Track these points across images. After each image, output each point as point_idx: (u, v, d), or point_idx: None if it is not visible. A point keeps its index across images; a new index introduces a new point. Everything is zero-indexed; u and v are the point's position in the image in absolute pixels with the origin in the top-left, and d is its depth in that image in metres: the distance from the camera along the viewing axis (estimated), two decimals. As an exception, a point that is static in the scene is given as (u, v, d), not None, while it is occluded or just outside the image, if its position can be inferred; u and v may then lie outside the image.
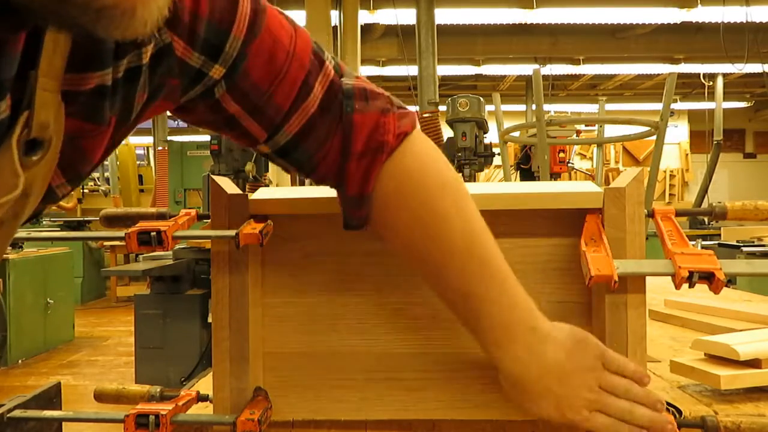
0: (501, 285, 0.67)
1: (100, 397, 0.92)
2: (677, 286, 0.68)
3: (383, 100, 0.68)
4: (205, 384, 0.95)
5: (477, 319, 0.67)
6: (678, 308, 1.40)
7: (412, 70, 5.35)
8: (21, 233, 1.34)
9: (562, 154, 5.17)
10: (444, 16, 6.14)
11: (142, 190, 9.93)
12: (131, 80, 0.52)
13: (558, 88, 10.44)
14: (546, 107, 5.46)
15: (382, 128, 0.66)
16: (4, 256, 4.78)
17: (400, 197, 0.67)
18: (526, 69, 8.53)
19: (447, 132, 4.37)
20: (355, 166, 0.66)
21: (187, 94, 0.59)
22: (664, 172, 11.67)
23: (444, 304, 0.70)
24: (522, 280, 0.68)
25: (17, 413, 0.85)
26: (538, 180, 4.57)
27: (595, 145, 5.35)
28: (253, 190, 0.84)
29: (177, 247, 3.54)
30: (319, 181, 0.70)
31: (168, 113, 0.65)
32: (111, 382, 1.22)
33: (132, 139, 10.97)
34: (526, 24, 6.78)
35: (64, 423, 0.92)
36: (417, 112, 4.88)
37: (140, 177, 10.03)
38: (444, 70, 8.22)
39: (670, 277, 0.69)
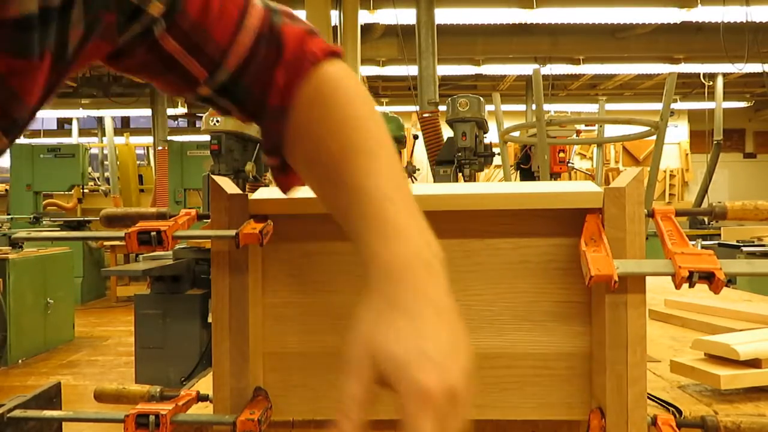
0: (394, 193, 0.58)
1: (100, 397, 0.92)
2: (677, 286, 0.68)
3: (309, 26, 0.68)
4: (205, 384, 0.95)
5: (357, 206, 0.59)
6: (678, 308, 1.41)
7: (412, 70, 5.35)
8: (21, 233, 1.34)
9: (562, 154, 5.18)
10: (444, 16, 6.14)
11: (142, 190, 9.93)
12: (64, 11, 0.50)
13: (558, 88, 10.44)
14: (546, 107, 5.46)
15: (310, 42, 0.66)
16: (4, 256, 4.73)
17: (319, 105, 0.64)
18: (526, 69, 8.53)
19: (447, 132, 4.37)
20: (281, 75, 0.65)
21: (124, 34, 0.57)
22: (664, 172, 11.67)
23: (335, 210, 0.63)
24: (522, 280, 0.68)
25: (17, 413, 0.85)
26: (538, 180, 4.57)
27: (595, 145, 5.35)
28: (253, 190, 0.84)
29: (177, 247, 3.53)
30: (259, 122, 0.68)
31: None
32: (111, 382, 1.22)
33: (132, 139, 10.97)
34: (526, 24, 6.78)
35: (64, 423, 0.92)
36: (417, 112, 4.88)
37: (140, 177, 10.03)
38: (444, 70, 8.22)
39: (670, 277, 0.69)
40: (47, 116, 11.74)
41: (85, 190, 8.70)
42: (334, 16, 5.70)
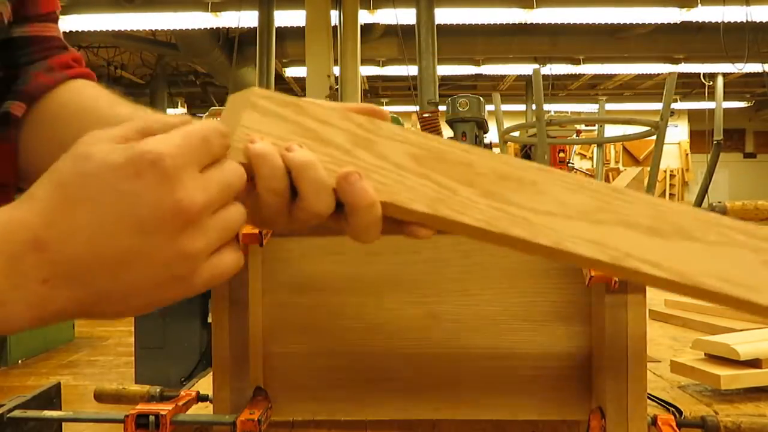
0: None
1: (100, 397, 0.92)
2: (677, 286, 0.68)
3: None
4: (205, 384, 0.95)
5: None
6: (678, 308, 1.41)
7: (412, 70, 5.35)
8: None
9: (562, 154, 5.18)
10: (444, 16, 6.14)
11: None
12: None
13: (558, 88, 10.45)
14: (546, 107, 5.46)
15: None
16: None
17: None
18: (526, 69, 8.53)
19: (447, 132, 4.37)
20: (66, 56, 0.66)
21: None
22: (664, 171, 11.68)
23: None
24: (522, 280, 0.68)
25: (17, 413, 0.85)
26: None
27: (595, 145, 5.35)
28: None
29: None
30: None
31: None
32: (111, 382, 1.22)
33: (132, 139, 10.94)
34: (526, 24, 6.77)
35: (64, 423, 0.92)
36: (417, 112, 4.88)
37: (140, 177, 10.02)
38: (444, 70, 8.22)
39: (670, 277, 0.69)
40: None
41: (85, 190, 8.69)
42: (334, 16, 5.70)
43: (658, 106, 3.64)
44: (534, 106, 3.84)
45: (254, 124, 0.44)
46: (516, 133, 4.85)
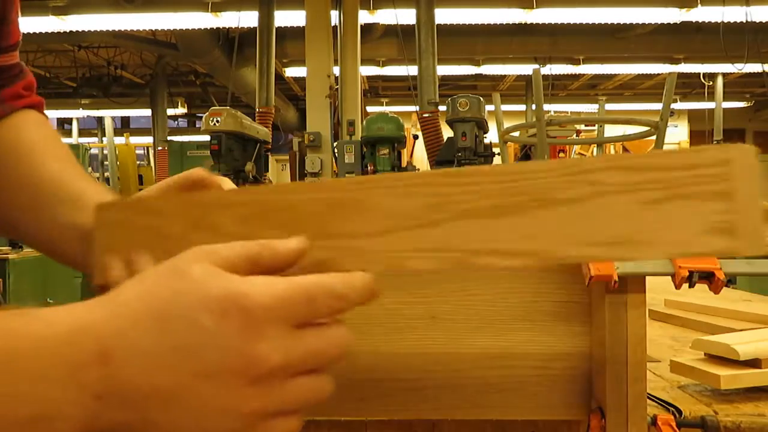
0: None
1: (100, 397, 0.92)
2: (677, 286, 0.68)
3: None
4: (205, 384, 0.95)
5: None
6: (678, 308, 1.41)
7: (412, 70, 5.35)
8: (21, 233, 1.34)
9: (562, 154, 5.18)
10: (444, 16, 6.14)
11: (141, 190, 9.92)
12: None
13: (558, 88, 10.45)
14: (546, 107, 5.46)
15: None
16: (4, 256, 4.74)
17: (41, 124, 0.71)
18: (526, 69, 8.54)
19: (447, 132, 4.38)
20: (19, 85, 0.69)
21: None
22: (664, 172, 11.68)
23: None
24: (522, 280, 0.68)
25: (17, 413, 0.85)
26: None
27: (595, 145, 5.35)
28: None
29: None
30: None
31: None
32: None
33: (132, 139, 10.97)
34: (526, 24, 6.78)
35: (64, 423, 0.92)
36: (417, 112, 4.88)
37: (140, 177, 10.03)
38: (444, 70, 8.23)
39: (670, 277, 0.69)
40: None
41: (85, 190, 8.68)
42: (334, 16, 5.71)
43: (658, 106, 3.64)
44: (534, 106, 3.84)
45: (107, 242, 0.47)
46: (516, 133, 4.85)
